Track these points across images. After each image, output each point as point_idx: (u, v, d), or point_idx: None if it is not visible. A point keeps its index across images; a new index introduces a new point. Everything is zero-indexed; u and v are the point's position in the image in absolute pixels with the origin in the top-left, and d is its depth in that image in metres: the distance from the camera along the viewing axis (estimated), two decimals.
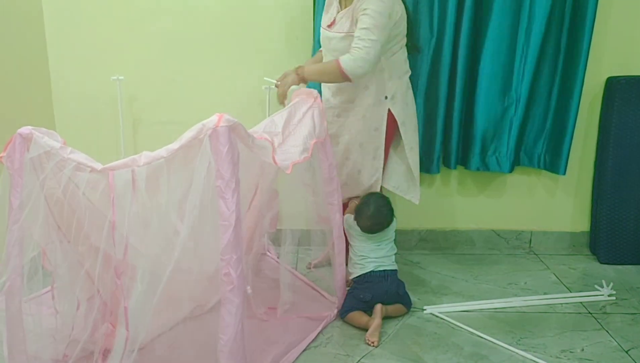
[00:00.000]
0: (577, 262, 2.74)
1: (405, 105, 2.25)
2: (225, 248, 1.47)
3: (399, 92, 2.21)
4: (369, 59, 2.03)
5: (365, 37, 2.02)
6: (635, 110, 2.57)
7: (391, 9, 2.06)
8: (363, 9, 2.03)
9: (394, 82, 2.19)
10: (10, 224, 1.49)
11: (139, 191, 1.48)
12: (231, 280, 1.48)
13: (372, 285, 2.15)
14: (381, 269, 2.18)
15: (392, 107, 2.21)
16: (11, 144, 1.47)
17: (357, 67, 2.04)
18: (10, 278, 1.50)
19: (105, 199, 1.50)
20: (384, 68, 2.17)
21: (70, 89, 2.70)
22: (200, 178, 1.47)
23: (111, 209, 1.48)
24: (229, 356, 1.51)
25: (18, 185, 1.48)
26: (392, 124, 2.24)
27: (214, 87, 2.67)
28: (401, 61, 2.22)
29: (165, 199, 1.53)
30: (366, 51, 2.02)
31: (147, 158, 1.48)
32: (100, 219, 1.53)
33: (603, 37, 2.57)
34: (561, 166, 2.63)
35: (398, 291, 2.17)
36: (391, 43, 2.14)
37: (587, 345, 1.99)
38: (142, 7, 2.60)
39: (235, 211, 1.46)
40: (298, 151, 1.77)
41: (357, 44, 2.03)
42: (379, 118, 2.22)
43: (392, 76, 2.19)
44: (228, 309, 1.49)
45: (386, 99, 2.20)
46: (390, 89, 2.19)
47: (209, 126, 1.43)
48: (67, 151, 1.48)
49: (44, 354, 1.69)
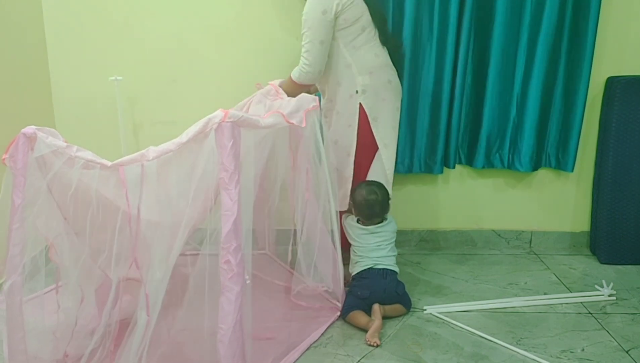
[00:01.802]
0: (577, 262, 2.74)
1: (379, 101, 2.24)
2: (227, 236, 1.51)
3: (371, 88, 2.22)
4: (311, 61, 2.15)
5: (303, 42, 2.16)
6: (635, 110, 2.57)
7: (325, 5, 2.11)
8: (303, 13, 2.15)
9: (364, 77, 2.21)
10: (13, 224, 1.50)
11: (151, 184, 1.52)
12: (231, 268, 1.51)
13: (370, 282, 2.15)
14: (380, 267, 2.18)
15: (363, 102, 2.22)
16: (14, 144, 1.48)
17: (304, 73, 2.18)
18: (12, 278, 1.51)
19: (118, 193, 1.53)
20: (351, 63, 2.21)
21: (70, 89, 2.70)
22: (206, 171, 1.53)
23: (125, 203, 1.52)
24: (228, 345, 1.52)
25: (20, 185, 1.49)
26: (366, 121, 2.25)
27: (213, 87, 2.68)
28: (370, 56, 2.23)
29: (175, 191, 1.58)
30: (306, 56, 2.15)
31: (156, 152, 1.52)
32: (114, 213, 1.56)
33: (603, 37, 2.57)
34: (569, 164, 2.64)
35: (397, 291, 2.16)
36: (348, 38, 2.19)
37: (587, 345, 1.99)
38: (142, 7, 2.60)
39: (237, 201, 1.51)
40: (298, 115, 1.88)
41: (302, 52, 2.16)
42: (351, 113, 2.24)
43: (361, 71, 2.21)
44: (227, 297, 1.52)
45: (357, 93, 2.22)
46: (360, 84, 2.21)
47: (215, 120, 1.49)
48: (73, 149, 1.51)
49: (45, 354, 1.70)
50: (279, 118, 1.77)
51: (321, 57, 2.16)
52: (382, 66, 2.26)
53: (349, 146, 2.27)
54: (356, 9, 2.17)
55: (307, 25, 2.13)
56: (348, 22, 2.16)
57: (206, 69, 2.67)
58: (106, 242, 1.59)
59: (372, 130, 2.25)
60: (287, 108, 1.87)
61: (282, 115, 1.78)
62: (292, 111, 1.86)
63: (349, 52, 2.19)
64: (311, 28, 2.12)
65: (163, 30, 2.63)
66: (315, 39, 2.12)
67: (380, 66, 2.26)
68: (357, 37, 2.20)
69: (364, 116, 2.24)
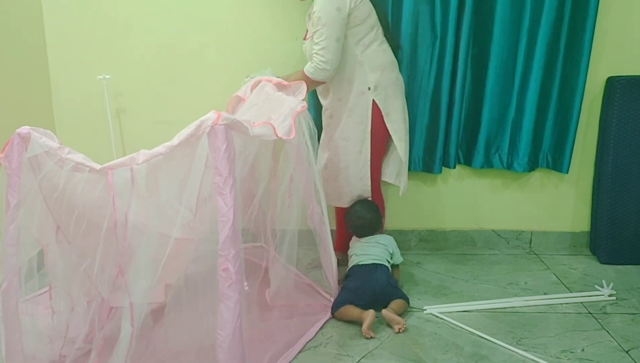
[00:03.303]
0: (577, 262, 2.73)
1: (390, 97, 2.27)
2: (224, 243, 1.48)
3: (382, 84, 2.24)
4: (327, 59, 2.13)
5: (317, 40, 2.14)
6: (635, 110, 2.56)
7: (339, 3, 2.11)
8: (314, 11, 2.13)
9: (375, 74, 2.23)
10: (7, 223, 1.49)
11: (139, 189, 1.49)
12: (229, 276, 1.49)
13: (361, 273, 2.19)
14: (371, 262, 2.22)
15: (376, 98, 2.24)
16: (9, 144, 1.48)
17: (319, 70, 2.16)
18: (7, 278, 1.50)
19: (105, 197, 1.51)
20: (362, 61, 2.22)
21: (70, 89, 2.70)
22: (198, 175, 1.49)
23: (112, 207, 1.49)
24: (227, 352, 1.51)
25: (15, 184, 1.49)
26: (379, 117, 2.26)
27: (213, 87, 2.67)
28: (380, 53, 2.25)
29: (165, 196, 1.55)
30: (322, 53, 2.14)
31: (146, 155, 1.49)
32: (100, 217, 1.53)
33: (603, 37, 2.57)
34: (564, 165, 2.64)
35: (389, 281, 2.18)
36: (358, 35, 2.20)
37: (587, 345, 1.98)
38: (142, 7, 2.60)
39: (233, 206, 1.48)
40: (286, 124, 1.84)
41: (314, 49, 2.15)
42: (364, 109, 2.26)
43: (372, 68, 2.23)
44: (226, 305, 1.51)
45: (369, 90, 2.24)
46: (372, 81, 2.23)
47: (208, 123, 1.45)
48: (65, 151, 1.49)
49: (42, 354, 1.69)
50: (269, 130, 1.72)
51: (337, 54, 2.15)
52: (391, 63, 2.29)
53: (360, 143, 2.29)
54: (366, 6, 2.19)
55: (321, 23, 2.11)
56: (359, 19, 2.18)
57: (206, 69, 2.67)
58: (91, 248, 1.57)
59: (385, 125, 2.28)
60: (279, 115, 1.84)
61: (272, 127, 1.72)
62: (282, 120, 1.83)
63: (359, 50, 2.21)
64: (326, 25, 2.11)
65: (163, 30, 2.62)
66: (332, 36, 2.11)
67: (390, 63, 2.29)
68: (366, 35, 2.21)
69: (377, 112, 2.26)
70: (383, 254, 2.28)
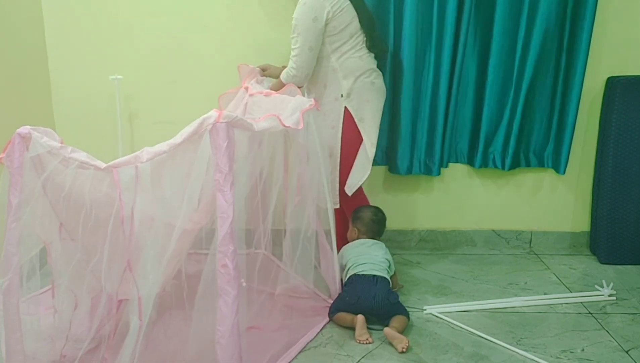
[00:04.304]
0: (577, 262, 2.73)
1: (363, 102, 2.29)
2: (223, 239, 1.50)
3: (355, 91, 2.27)
4: (299, 65, 2.21)
5: (292, 47, 2.22)
6: (635, 110, 2.57)
7: (316, 13, 2.15)
8: (293, 17, 2.19)
9: (349, 81, 2.26)
10: (9, 223, 1.50)
11: (144, 187, 1.51)
12: (228, 272, 1.51)
13: (359, 287, 2.08)
14: (371, 273, 2.13)
15: (348, 105, 2.27)
16: (11, 143, 1.48)
17: (290, 76, 2.25)
18: (9, 278, 1.50)
19: (112, 194, 1.52)
20: (337, 68, 2.26)
21: (70, 89, 2.70)
22: (201, 172, 1.51)
23: (119, 204, 1.51)
24: (225, 347, 1.52)
25: (17, 184, 1.49)
26: (352, 123, 2.28)
27: (213, 87, 2.67)
28: (355, 60, 2.26)
29: (169, 193, 1.56)
30: (294, 60, 2.22)
31: (150, 153, 1.50)
32: (108, 213, 1.55)
33: (603, 37, 2.57)
34: (561, 166, 2.64)
35: (388, 299, 2.06)
36: (336, 44, 2.23)
37: (587, 345, 1.98)
38: (142, 7, 2.60)
39: (233, 203, 1.49)
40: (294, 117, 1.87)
41: (291, 55, 2.22)
42: (336, 115, 2.29)
43: (346, 75, 2.26)
44: (225, 300, 1.52)
45: (342, 97, 2.27)
46: (345, 88, 2.26)
47: (209, 121, 1.47)
48: (67, 150, 1.49)
49: (42, 354, 1.69)
50: (274, 121, 1.76)
51: (309, 63, 2.21)
52: (367, 70, 2.29)
53: (331, 147, 2.32)
54: (346, 16, 2.20)
55: (297, 31, 2.18)
56: (337, 29, 2.20)
57: (206, 69, 2.67)
58: (98, 245, 1.57)
59: (358, 130, 2.29)
60: (285, 110, 1.86)
61: (278, 118, 1.76)
62: (289, 113, 1.86)
63: (335, 57, 2.24)
64: (301, 34, 2.17)
65: (163, 30, 2.62)
66: (305, 45, 2.17)
67: (365, 70, 2.29)
68: (344, 43, 2.24)
69: (349, 118, 2.28)
70: (385, 257, 2.23)
